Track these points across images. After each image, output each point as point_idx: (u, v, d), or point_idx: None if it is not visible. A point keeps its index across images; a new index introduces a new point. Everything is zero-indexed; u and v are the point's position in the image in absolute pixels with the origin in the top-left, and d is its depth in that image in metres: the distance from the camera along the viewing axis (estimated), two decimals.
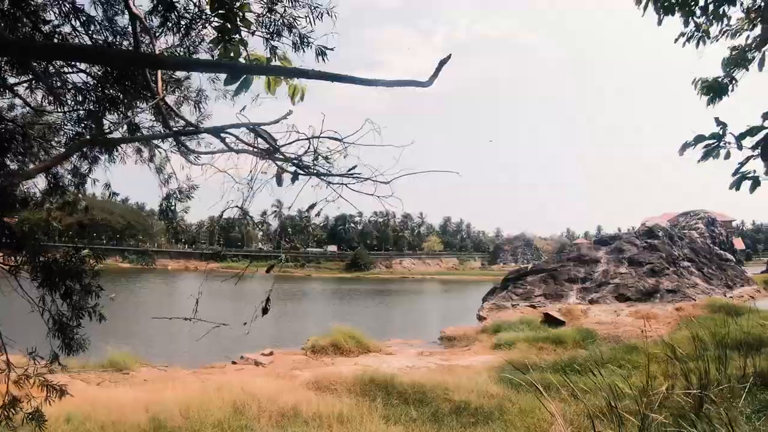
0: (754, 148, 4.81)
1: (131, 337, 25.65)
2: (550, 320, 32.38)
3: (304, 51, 5.38)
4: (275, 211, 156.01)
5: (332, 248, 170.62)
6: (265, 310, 5.17)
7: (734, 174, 5.03)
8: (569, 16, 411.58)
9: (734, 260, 61.09)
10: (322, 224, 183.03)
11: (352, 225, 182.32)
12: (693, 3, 7.26)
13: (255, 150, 5.04)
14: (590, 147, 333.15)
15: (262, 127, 4.94)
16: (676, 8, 7.29)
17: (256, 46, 5.24)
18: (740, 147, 4.83)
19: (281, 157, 5.06)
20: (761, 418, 9.54)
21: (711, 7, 7.14)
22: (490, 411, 12.14)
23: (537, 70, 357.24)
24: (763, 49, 6.79)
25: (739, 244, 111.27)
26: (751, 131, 4.78)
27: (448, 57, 4.49)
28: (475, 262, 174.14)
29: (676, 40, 7.90)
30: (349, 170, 5.03)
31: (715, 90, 8.02)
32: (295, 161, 5.05)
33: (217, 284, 5.61)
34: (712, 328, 16.33)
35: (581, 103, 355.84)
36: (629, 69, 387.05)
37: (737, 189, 5.09)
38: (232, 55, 4.80)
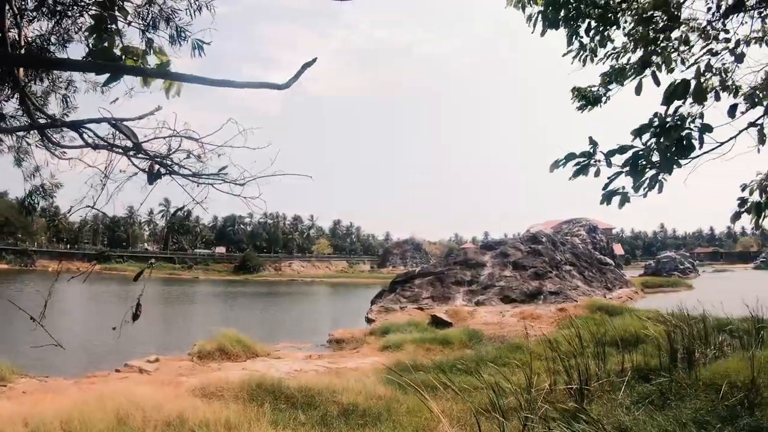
0: (623, 165, 5.04)
1: (6, 346, 24.57)
2: (437, 322, 32.85)
3: (180, 45, 5.28)
4: (162, 210, 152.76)
5: (221, 250, 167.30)
6: (135, 316, 4.98)
7: (604, 189, 5.27)
8: (473, 27, 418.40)
9: (614, 264, 63.94)
10: (210, 225, 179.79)
11: (242, 226, 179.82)
12: (576, 24, 7.53)
13: (111, 146, 4.91)
14: (480, 154, 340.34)
15: (125, 122, 4.82)
16: (561, 24, 7.54)
17: (133, 37, 5.13)
18: (609, 164, 5.03)
19: (143, 155, 4.94)
20: (640, 408, 10.00)
21: (594, 30, 7.42)
22: (378, 412, 12.17)
23: (435, 77, 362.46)
24: (640, 77, 7.10)
25: (618, 249, 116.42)
26: (621, 149, 5.01)
27: (313, 60, 4.50)
28: (365, 265, 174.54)
29: (564, 55, 8.16)
30: (220, 170, 4.99)
31: (587, 98, 8.37)
32: (157, 159, 4.94)
33: (102, 286, 5.44)
34: (593, 327, 16.94)
35: (476, 109, 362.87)
36: (532, 76, 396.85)
37: (608, 204, 5.33)
38: (106, 44, 4.65)
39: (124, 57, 4.87)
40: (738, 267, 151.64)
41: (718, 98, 8.12)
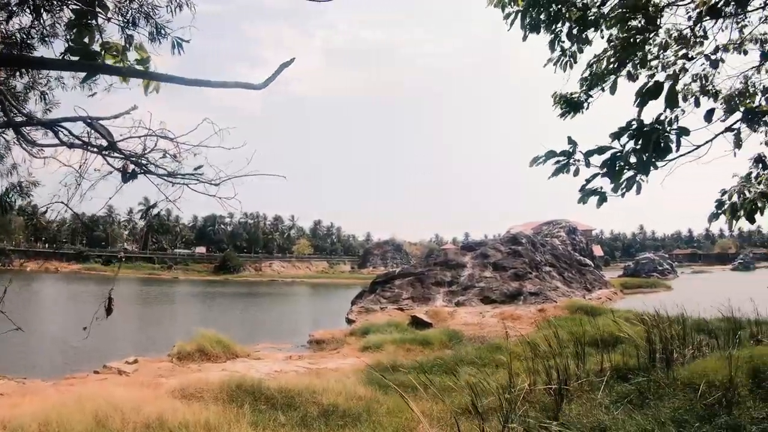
0: (602, 166, 5.07)
1: None
2: (417, 322, 32.87)
3: (160, 42, 5.24)
4: (141, 209, 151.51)
5: (201, 250, 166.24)
6: (108, 311, 4.93)
7: (581, 190, 5.30)
8: (469, 26, 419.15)
9: (593, 265, 64.40)
10: (190, 224, 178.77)
11: (222, 226, 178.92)
12: (557, 28, 7.55)
13: (86, 145, 4.86)
14: (461, 155, 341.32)
15: (101, 121, 4.78)
16: (543, 27, 7.55)
17: (113, 33, 5.07)
18: (588, 164, 5.07)
19: (118, 154, 4.89)
20: (619, 408, 10.05)
21: (575, 31, 7.43)
22: (358, 413, 12.16)
23: (416, 77, 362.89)
24: (615, 77, 7.15)
25: (598, 251, 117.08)
26: (600, 150, 5.04)
27: (291, 60, 4.48)
28: (345, 266, 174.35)
29: (545, 65, 8.17)
30: (195, 170, 4.96)
31: (570, 104, 8.39)
32: (132, 159, 4.90)
33: (81, 286, 5.36)
34: (572, 327, 17.02)
35: (457, 109, 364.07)
36: (515, 79, 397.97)
37: (584, 203, 5.37)
38: (86, 40, 4.60)
39: (103, 53, 4.82)
40: (716, 268, 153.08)
41: (698, 104, 8.22)
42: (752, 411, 9.76)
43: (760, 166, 7.94)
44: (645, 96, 5.12)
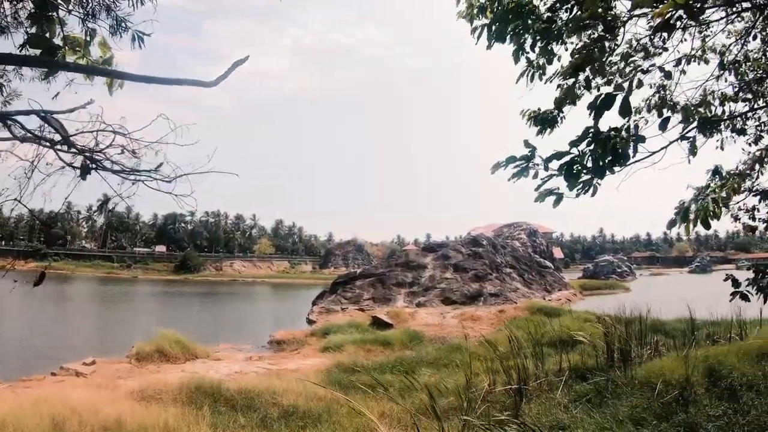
0: (559, 169, 5.14)
1: None
2: (378, 323, 32.91)
3: (121, 36, 5.14)
4: (99, 206, 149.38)
5: (161, 248, 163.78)
6: (36, 283, 4.87)
7: (537, 189, 5.37)
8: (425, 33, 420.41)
9: (553, 267, 65.03)
10: (150, 222, 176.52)
11: (182, 224, 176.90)
12: (523, 39, 7.59)
13: (38, 139, 4.76)
14: (426, 156, 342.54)
15: (56, 115, 4.69)
16: (509, 38, 7.58)
17: (74, 26, 4.97)
18: (546, 168, 5.14)
19: (73, 149, 4.80)
20: (577, 407, 10.15)
21: (540, 42, 7.47)
22: (318, 414, 12.13)
23: (384, 79, 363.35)
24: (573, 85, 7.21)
25: (558, 253, 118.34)
26: (558, 155, 5.12)
27: (245, 58, 4.46)
28: (307, 266, 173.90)
29: (517, 81, 8.20)
30: (157, 167, 4.90)
31: (544, 122, 8.45)
32: (86, 154, 4.82)
33: (33, 286, 5.22)
34: (532, 328, 17.12)
35: (421, 111, 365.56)
36: (478, 82, 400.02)
37: (542, 201, 5.44)
38: (47, 34, 4.51)
39: (65, 47, 4.72)
40: (673, 271, 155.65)
41: (660, 114, 8.35)
42: (708, 409, 9.93)
43: (717, 177, 8.13)
44: (599, 108, 5.20)
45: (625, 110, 5.18)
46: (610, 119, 5.73)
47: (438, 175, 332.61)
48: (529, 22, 7.39)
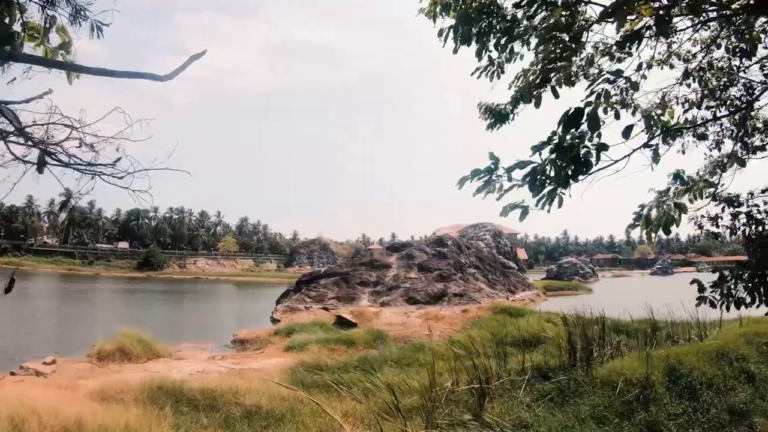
0: (523, 180, 5.15)
1: None
2: (342, 322, 32.86)
3: (80, 24, 5.05)
4: (62, 203, 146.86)
5: (123, 245, 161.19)
6: (7, 290, 4.77)
7: (499, 199, 5.36)
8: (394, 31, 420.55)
9: (517, 268, 65.63)
10: (113, 218, 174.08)
11: (146, 221, 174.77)
12: (487, 39, 7.61)
13: None
14: (393, 156, 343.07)
15: (9, 105, 4.59)
16: (474, 40, 7.60)
17: (33, 12, 4.88)
18: (510, 179, 5.14)
19: (24, 141, 4.71)
20: (540, 405, 10.24)
21: (503, 41, 7.50)
22: (281, 414, 12.07)
23: (351, 77, 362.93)
24: (540, 90, 7.24)
25: (522, 254, 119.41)
26: (520, 164, 5.12)
27: (203, 53, 4.41)
28: (271, 264, 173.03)
29: (472, 74, 8.23)
30: (114, 162, 4.83)
31: (497, 116, 8.48)
32: (40, 147, 4.73)
33: (5, 293, 5.11)
34: (495, 328, 17.22)
35: (388, 111, 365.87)
36: (448, 83, 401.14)
37: (506, 216, 5.45)
38: (7, 20, 4.42)
39: (23, 33, 4.64)
40: (635, 273, 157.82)
41: (618, 117, 8.43)
42: (669, 407, 10.12)
43: (678, 181, 8.23)
44: (569, 123, 5.20)
45: (594, 125, 5.20)
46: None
47: (404, 175, 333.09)
48: (494, 22, 7.41)
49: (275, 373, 17.26)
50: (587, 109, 5.29)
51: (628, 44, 6.12)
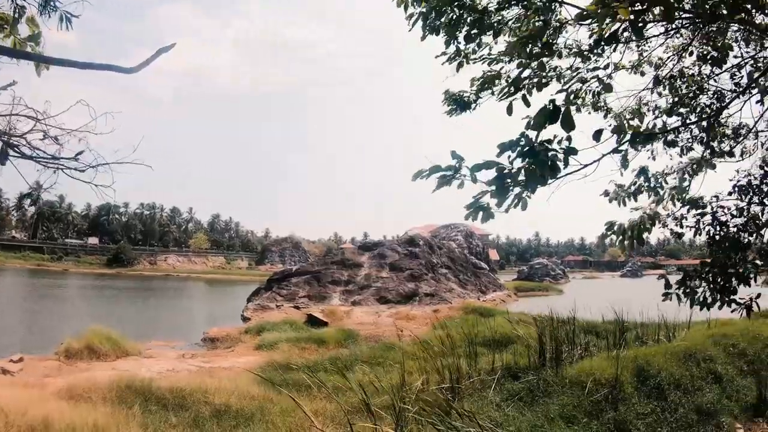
0: (489, 183, 5.13)
1: None
2: (313, 321, 32.84)
3: (49, 15, 4.99)
4: (30, 194, 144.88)
5: (93, 240, 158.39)
6: None
7: (467, 206, 5.32)
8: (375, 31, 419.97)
9: (488, 269, 65.90)
10: (83, 213, 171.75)
11: (116, 216, 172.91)
12: (456, 31, 7.63)
13: None
14: (366, 155, 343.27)
15: None
16: (442, 30, 7.62)
17: (2, 2, 4.82)
18: (474, 180, 5.11)
19: None
20: (510, 405, 10.29)
21: (473, 33, 7.52)
22: (251, 413, 12.02)
23: (327, 76, 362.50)
24: (512, 98, 7.27)
25: (494, 255, 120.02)
26: (486, 165, 5.08)
27: (171, 45, 4.38)
28: (243, 262, 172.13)
29: (437, 57, 8.25)
30: (76, 155, 4.77)
31: (459, 103, 8.50)
32: (3, 138, 4.67)
33: None
34: (466, 328, 17.26)
35: (361, 109, 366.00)
36: (422, 81, 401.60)
37: (474, 219, 5.41)
38: None
39: None
40: (606, 275, 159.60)
41: (589, 112, 8.53)
42: (637, 407, 10.26)
43: (642, 177, 8.34)
44: (542, 120, 5.15)
45: (568, 124, 5.18)
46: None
47: (378, 175, 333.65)
48: (464, 14, 7.44)
49: (245, 371, 17.19)
50: (562, 108, 5.28)
51: (602, 45, 6.14)
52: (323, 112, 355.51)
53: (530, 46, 6.48)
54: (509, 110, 7.09)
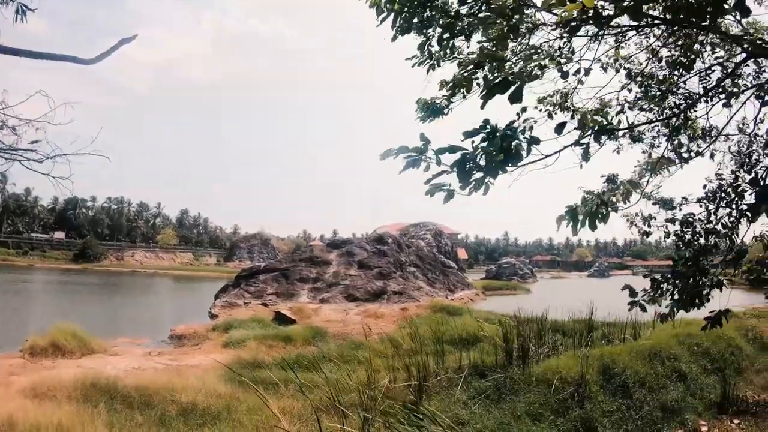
0: (452, 165, 5.17)
1: None
2: (281, 318, 32.69)
3: (7, 5, 4.93)
4: None
5: (59, 235, 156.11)
6: None
7: (427, 182, 5.36)
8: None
9: (457, 268, 66.16)
10: (50, 206, 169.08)
11: (83, 210, 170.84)
12: (429, 33, 7.67)
13: None
14: (336, 153, 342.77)
15: None
16: (414, 31, 7.65)
17: None
18: (439, 163, 5.14)
19: None
20: (476, 403, 10.35)
21: (446, 36, 7.55)
22: (218, 411, 11.96)
23: (300, 70, 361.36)
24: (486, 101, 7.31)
25: (463, 254, 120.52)
26: (451, 149, 5.13)
27: (133, 37, 4.35)
28: (211, 258, 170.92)
29: (408, 59, 8.27)
30: (31, 143, 4.71)
31: (431, 110, 8.52)
32: None
33: None
34: (433, 326, 17.32)
35: (335, 107, 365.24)
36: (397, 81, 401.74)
37: (432, 196, 5.43)
38: None
39: None
40: (573, 275, 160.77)
41: (551, 117, 8.62)
42: (603, 405, 10.39)
43: (610, 183, 8.47)
44: (491, 89, 5.26)
45: (516, 97, 5.27)
46: (506, 117, 5.80)
47: (349, 173, 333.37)
48: (437, 16, 7.46)
49: (212, 369, 17.07)
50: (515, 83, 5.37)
51: (571, 26, 6.16)
52: (295, 108, 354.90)
53: (497, 49, 6.50)
54: (483, 104, 7.17)
